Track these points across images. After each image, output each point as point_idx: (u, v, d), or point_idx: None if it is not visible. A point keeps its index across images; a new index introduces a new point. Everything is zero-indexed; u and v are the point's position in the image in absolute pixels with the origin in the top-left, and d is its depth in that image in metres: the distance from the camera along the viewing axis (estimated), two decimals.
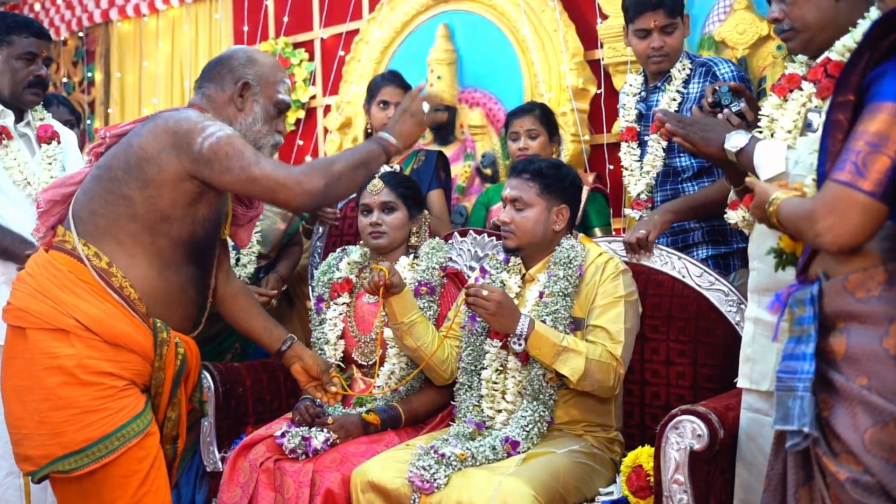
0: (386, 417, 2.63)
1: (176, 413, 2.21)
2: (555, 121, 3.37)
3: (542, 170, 2.52)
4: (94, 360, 2.03)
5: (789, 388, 1.43)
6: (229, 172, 2.06)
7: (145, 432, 2.06)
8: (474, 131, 4.26)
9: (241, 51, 2.31)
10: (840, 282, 1.42)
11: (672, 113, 2.20)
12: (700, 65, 2.94)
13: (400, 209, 2.82)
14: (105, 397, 2.03)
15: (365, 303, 2.85)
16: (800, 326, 1.46)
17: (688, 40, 3.53)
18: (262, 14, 5.21)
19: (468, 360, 2.54)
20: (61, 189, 2.22)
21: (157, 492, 2.08)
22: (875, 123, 1.34)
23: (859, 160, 1.34)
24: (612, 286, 2.44)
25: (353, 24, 4.78)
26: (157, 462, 2.10)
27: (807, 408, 1.38)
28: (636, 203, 3.04)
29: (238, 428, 2.88)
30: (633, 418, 2.67)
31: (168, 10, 5.77)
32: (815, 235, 1.39)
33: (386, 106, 3.49)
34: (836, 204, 1.36)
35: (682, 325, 2.61)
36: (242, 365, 3.01)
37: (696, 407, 2.06)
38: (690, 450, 2.01)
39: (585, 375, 2.31)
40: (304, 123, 5.05)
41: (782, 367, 1.48)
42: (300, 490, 2.36)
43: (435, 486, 2.16)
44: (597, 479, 2.36)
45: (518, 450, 2.32)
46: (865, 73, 1.40)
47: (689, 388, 2.57)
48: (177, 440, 2.25)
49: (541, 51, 3.98)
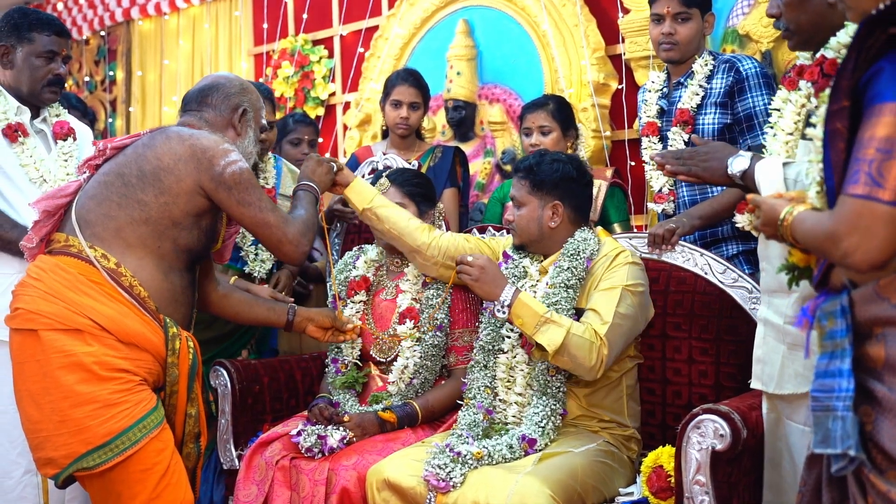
0: (402, 414, 2.61)
1: (195, 409, 2.27)
2: (570, 115, 3.29)
3: (532, 167, 2.50)
4: (111, 358, 2.11)
5: (827, 408, 1.33)
6: (247, 206, 2.29)
7: (162, 426, 2.15)
8: (494, 128, 4.23)
9: (234, 79, 2.49)
10: (871, 288, 1.33)
11: (669, 152, 2.18)
12: (724, 61, 2.92)
13: (408, 207, 2.77)
14: (125, 391, 2.10)
15: (382, 300, 2.83)
16: (832, 340, 1.36)
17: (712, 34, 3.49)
18: (282, 11, 5.21)
19: (486, 339, 2.52)
20: (55, 200, 2.30)
21: (177, 484, 2.16)
22: (881, 128, 1.25)
23: (873, 170, 1.25)
24: (615, 274, 2.40)
25: (373, 20, 4.77)
26: (176, 455, 2.18)
27: (850, 428, 1.28)
28: (658, 197, 3.02)
29: (255, 426, 2.85)
30: (654, 417, 2.62)
31: (189, 9, 5.79)
32: (843, 256, 1.30)
33: (398, 105, 3.47)
34: (858, 221, 1.27)
35: (705, 324, 2.56)
36: (259, 362, 2.99)
37: (719, 406, 2.01)
38: (712, 450, 1.96)
39: (563, 349, 2.25)
40: (324, 120, 5.04)
41: (817, 386, 1.37)
42: (315, 488, 2.34)
43: (451, 485, 2.13)
44: (616, 478, 2.32)
45: (535, 447, 2.29)
46: (857, 76, 1.31)
47: (712, 388, 2.52)
48: (199, 438, 2.30)
49: (561, 46, 3.94)
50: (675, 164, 2.09)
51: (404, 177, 2.82)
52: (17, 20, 2.85)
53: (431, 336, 2.68)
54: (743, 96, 2.83)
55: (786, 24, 1.94)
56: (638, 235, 2.78)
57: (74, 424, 2.06)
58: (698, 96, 2.91)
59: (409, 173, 2.87)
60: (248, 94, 2.46)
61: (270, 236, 2.34)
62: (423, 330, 2.69)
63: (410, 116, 3.49)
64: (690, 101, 2.91)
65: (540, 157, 2.53)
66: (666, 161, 2.11)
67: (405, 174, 2.85)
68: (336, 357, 2.82)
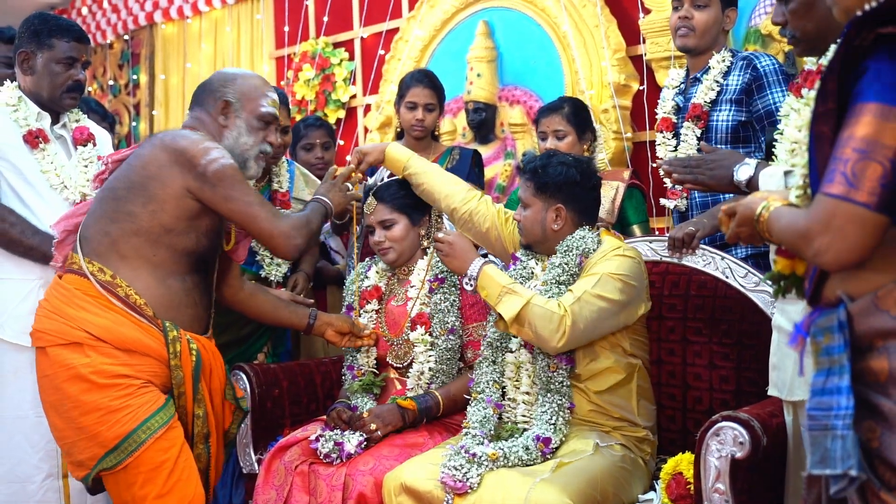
0: (423, 404, 2.61)
1: (203, 410, 2.31)
2: (586, 117, 3.24)
3: (537, 169, 2.49)
4: (108, 365, 2.18)
5: (825, 427, 1.26)
6: (232, 201, 2.29)
7: (168, 425, 2.20)
8: (514, 129, 4.21)
9: (221, 73, 2.53)
10: (870, 301, 1.28)
11: (677, 160, 2.18)
12: (742, 58, 2.89)
13: (399, 221, 2.77)
14: (125, 395, 2.18)
15: (394, 306, 2.83)
16: (828, 357, 1.30)
17: (733, 33, 3.45)
18: (303, 14, 5.22)
19: (493, 335, 2.52)
20: (73, 219, 2.43)
21: (187, 480, 2.22)
22: (860, 127, 1.22)
23: (849, 169, 1.22)
24: (602, 263, 2.38)
25: (393, 22, 4.76)
26: (184, 453, 2.23)
27: (851, 448, 1.22)
28: (671, 193, 3.00)
29: (274, 430, 2.86)
30: (674, 423, 2.59)
31: (210, 12, 5.82)
32: (814, 255, 1.28)
33: (414, 107, 3.44)
34: (831, 220, 1.24)
35: (726, 328, 2.53)
36: (279, 366, 2.99)
37: (738, 413, 1.98)
38: (732, 458, 1.93)
39: (523, 318, 2.26)
40: (345, 123, 5.05)
41: (813, 404, 1.31)
42: (332, 494, 2.34)
43: (468, 486, 2.12)
44: (633, 483, 2.29)
45: (551, 445, 2.27)
46: (843, 76, 1.28)
47: (733, 393, 2.49)
48: (209, 438, 2.33)
49: (582, 47, 3.92)
50: (682, 173, 2.08)
51: (390, 192, 2.79)
52: (38, 26, 2.84)
53: (444, 340, 2.68)
54: (762, 93, 2.79)
55: (791, 32, 1.91)
56: (658, 238, 2.76)
57: (88, 431, 2.17)
58: (713, 91, 2.88)
59: (394, 187, 2.82)
60: (232, 84, 2.44)
61: (260, 230, 2.35)
62: (435, 335, 2.68)
63: (426, 118, 3.46)
64: (705, 95, 2.88)
65: (547, 158, 2.52)
66: (673, 169, 2.10)
67: (390, 189, 2.81)
68: (352, 364, 2.82)
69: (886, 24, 1.21)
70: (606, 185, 3.20)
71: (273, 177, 3.24)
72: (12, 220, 2.74)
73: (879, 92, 1.22)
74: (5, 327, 2.73)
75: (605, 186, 3.19)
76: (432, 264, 2.77)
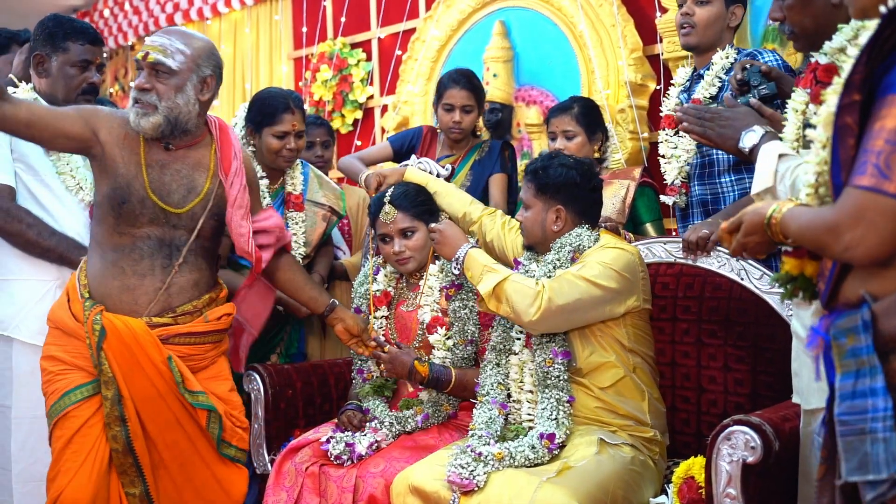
0: (435, 372, 2.61)
1: (111, 392, 2.32)
2: (597, 117, 3.19)
3: (538, 170, 2.51)
4: (48, 346, 2.44)
5: (862, 431, 1.22)
6: None
7: (64, 412, 2.32)
8: (531, 130, 4.19)
9: None
10: (894, 300, 1.25)
11: (693, 107, 2.14)
12: (745, 54, 2.86)
13: (419, 229, 2.73)
14: (48, 381, 2.40)
15: (404, 311, 2.82)
16: (854, 359, 1.26)
17: (752, 31, 3.42)
18: (321, 15, 5.23)
19: (497, 339, 2.54)
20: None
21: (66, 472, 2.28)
22: (892, 119, 1.19)
23: (881, 161, 1.19)
24: (593, 255, 2.38)
25: (410, 23, 4.76)
26: (73, 444, 2.30)
27: (895, 450, 1.18)
28: (670, 189, 2.99)
29: (287, 430, 2.87)
30: (688, 426, 2.57)
31: (230, 13, 5.85)
32: (844, 249, 1.24)
33: (451, 109, 3.39)
34: (863, 213, 1.20)
35: (741, 331, 2.50)
36: (292, 367, 3.00)
37: (750, 417, 1.96)
38: (743, 462, 1.91)
39: (499, 293, 2.33)
40: (362, 124, 5.05)
41: (845, 409, 1.26)
42: (343, 496, 2.34)
43: (475, 485, 2.11)
44: (644, 486, 2.27)
45: (556, 441, 2.26)
46: (869, 69, 1.25)
47: (748, 396, 2.46)
48: (125, 422, 2.33)
49: (598, 46, 3.89)
50: (693, 123, 2.05)
51: (407, 199, 2.74)
52: (52, 29, 2.86)
53: (462, 350, 2.68)
54: None
55: (790, 28, 1.88)
56: (673, 240, 2.73)
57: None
58: (715, 87, 2.86)
59: (412, 193, 2.76)
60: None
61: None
62: (454, 342, 2.68)
63: (463, 120, 3.39)
64: (705, 91, 2.87)
65: (548, 160, 2.53)
66: (686, 117, 2.07)
67: (406, 196, 2.75)
68: (361, 368, 2.82)
69: None
70: (617, 183, 3.18)
71: (287, 179, 3.25)
72: (29, 222, 2.76)
73: None
74: (21, 328, 2.76)
75: (615, 185, 3.17)
76: (445, 270, 2.75)
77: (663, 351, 2.61)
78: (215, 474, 2.44)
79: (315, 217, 3.28)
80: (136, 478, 2.35)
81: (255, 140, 3.15)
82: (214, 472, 2.44)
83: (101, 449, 2.31)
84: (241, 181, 2.52)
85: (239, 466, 2.49)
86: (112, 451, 2.32)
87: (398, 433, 2.58)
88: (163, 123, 2.39)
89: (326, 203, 3.33)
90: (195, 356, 2.45)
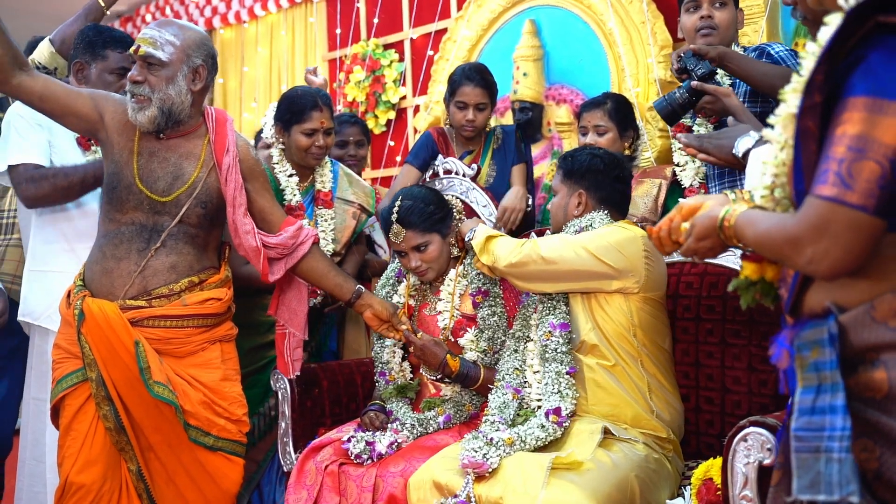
0: (464, 369, 2.63)
1: (95, 373, 2.38)
2: (629, 114, 3.20)
3: (567, 156, 2.57)
4: (57, 335, 2.55)
5: (817, 449, 1.15)
6: None
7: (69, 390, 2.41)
8: (561, 128, 4.17)
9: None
10: (865, 312, 1.17)
11: (694, 135, 2.17)
12: (753, 50, 2.84)
13: (432, 241, 2.71)
14: (52, 371, 2.48)
15: (428, 315, 2.83)
16: (816, 373, 1.19)
17: (783, 28, 3.37)
18: (354, 16, 5.27)
19: (517, 327, 2.57)
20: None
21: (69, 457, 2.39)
22: (854, 124, 1.12)
23: (843, 169, 1.12)
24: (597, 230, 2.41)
25: (442, 23, 4.77)
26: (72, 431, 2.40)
27: (849, 472, 1.11)
28: (689, 191, 2.99)
29: (314, 429, 2.89)
30: (712, 427, 2.54)
31: (266, 16, 5.91)
32: (808, 263, 1.17)
33: (464, 107, 3.35)
34: (826, 225, 1.13)
35: (766, 331, 2.47)
36: (318, 366, 3.03)
37: (766, 419, 1.93)
38: (760, 464, 1.88)
39: (488, 247, 2.48)
40: (395, 124, 5.08)
41: (801, 424, 1.19)
42: (362, 495, 2.35)
43: (488, 466, 2.11)
44: (661, 486, 2.25)
45: (563, 413, 2.27)
46: (831, 67, 1.17)
47: (772, 398, 2.42)
48: (112, 402, 2.39)
49: (628, 44, 3.87)
50: (691, 139, 2.07)
51: (415, 215, 2.68)
52: (92, 38, 3.02)
53: (491, 356, 2.69)
54: None
55: (802, 13, 1.85)
56: None
57: None
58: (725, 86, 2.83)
59: (418, 207, 2.69)
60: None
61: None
62: (482, 348, 2.69)
63: (477, 118, 3.35)
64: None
65: (580, 149, 2.58)
66: (688, 140, 2.10)
67: (415, 212, 2.68)
68: (383, 371, 2.84)
69: (888, 13, 1.11)
70: (648, 182, 3.16)
71: (317, 176, 3.28)
72: (52, 173, 2.80)
73: (875, 85, 1.12)
74: (53, 318, 2.83)
75: (646, 184, 3.15)
76: (470, 274, 2.76)
77: (687, 351, 2.59)
78: (203, 464, 2.47)
79: (345, 214, 3.31)
80: (132, 455, 2.42)
81: (284, 138, 3.18)
82: (202, 460, 2.47)
83: (100, 431, 2.40)
84: (235, 178, 2.53)
85: (230, 458, 2.50)
86: (106, 430, 2.39)
87: (419, 434, 2.59)
88: (158, 116, 2.45)
89: (356, 201, 3.35)
90: (174, 339, 2.47)
